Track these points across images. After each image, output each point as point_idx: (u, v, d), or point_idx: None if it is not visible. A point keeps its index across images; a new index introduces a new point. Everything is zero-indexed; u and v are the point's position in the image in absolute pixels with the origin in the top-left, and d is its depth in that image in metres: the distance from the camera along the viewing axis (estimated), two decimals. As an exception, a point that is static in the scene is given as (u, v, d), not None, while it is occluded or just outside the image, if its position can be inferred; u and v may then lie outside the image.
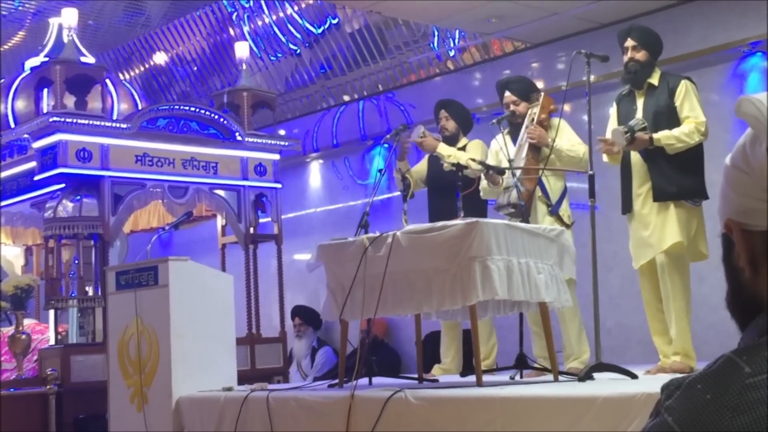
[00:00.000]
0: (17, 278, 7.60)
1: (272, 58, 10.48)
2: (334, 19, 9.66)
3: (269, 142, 7.93)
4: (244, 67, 8.25)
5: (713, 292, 5.83)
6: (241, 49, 8.37)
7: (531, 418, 3.69)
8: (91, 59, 7.90)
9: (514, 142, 5.73)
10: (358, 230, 5.11)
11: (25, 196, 7.52)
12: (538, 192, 5.58)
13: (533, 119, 5.64)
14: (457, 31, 8.86)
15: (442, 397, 4.11)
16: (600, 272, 5.09)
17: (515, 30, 8.18)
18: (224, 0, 10.40)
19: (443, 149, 6.11)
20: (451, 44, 9.06)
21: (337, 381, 5.04)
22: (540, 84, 6.93)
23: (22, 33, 10.57)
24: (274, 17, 10.19)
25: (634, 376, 4.48)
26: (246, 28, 10.48)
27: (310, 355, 8.97)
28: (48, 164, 6.94)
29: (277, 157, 7.97)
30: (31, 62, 7.99)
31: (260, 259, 7.83)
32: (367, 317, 4.79)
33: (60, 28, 7.98)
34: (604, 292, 5.94)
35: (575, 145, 5.62)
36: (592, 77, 5.24)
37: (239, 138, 7.69)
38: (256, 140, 7.81)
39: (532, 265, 4.54)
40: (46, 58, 7.72)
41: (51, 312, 7.14)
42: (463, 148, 6.23)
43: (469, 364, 6.08)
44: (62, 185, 7.03)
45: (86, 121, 6.89)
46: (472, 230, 4.34)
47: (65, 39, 7.38)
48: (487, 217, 5.70)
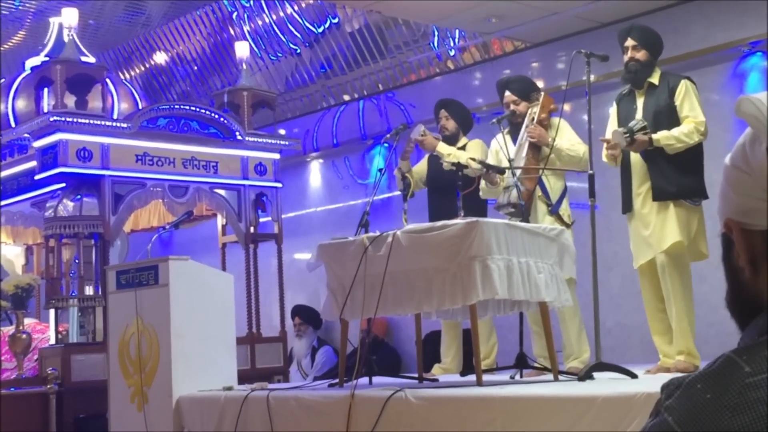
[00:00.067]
0: (18, 277, 7.60)
1: (272, 57, 10.48)
2: (334, 18, 9.66)
3: (269, 141, 7.93)
4: (245, 66, 8.25)
5: (713, 291, 5.83)
6: (242, 49, 8.37)
7: (531, 417, 3.69)
8: (91, 59, 7.90)
9: (514, 141, 5.73)
10: (359, 230, 5.11)
11: (26, 196, 7.52)
12: (538, 191, 5.58)
13: (533, 119, 5.64)
14: (457, 31, 8.86)
15: (442, 396, 4.11)
16: (600, 272, 5.09)
17: (515, 29, 8.18)
18: (224, -1, 10.41)
19: (443, 148, 6.11)
20: (451, 44, 9.06)
21: (337, 380, 5.03)
22: (540, 83, 6.92)
23: (23, 32, 10.57)
24: (274, 17, 10.19)
25: (634, 376, 4.48)
26: (246, 28, 10.48)
27: (310, 354, 8.97)
28: (48, 164, 6.94)
29: (277, 156, 7.97)
30: (32, 62, 7.99)
31: (260, 258, 7.83)
32: (367, 317, 4.79)
33: (60, 27, 7.98)
34: (604, 291, 5.94)
35: (575, 144, 5.61)
36: (592, 77, 5.24)
37: (239, 137, 7.69)
38: (256, 140, 7.81)
39: (533, 264, 4.54)
40: (47, 58, 7.73)
41: (51, 311, 7.14)
42: (463, 148, 6.23)
43: (469, 364, 6.08)
44: (63, 185, 7.03)
45: (87, 121, 6.90)
46: (472, 230, 4.34)
47: (66, 38, 7.38)
48: (487, 216, 5.69)
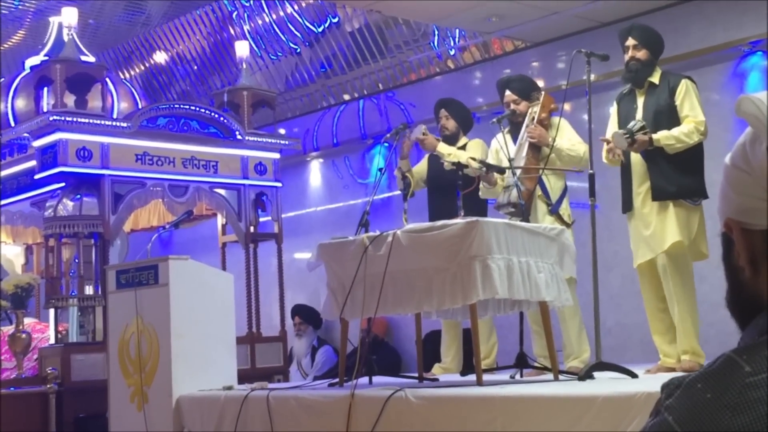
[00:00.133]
0: (17, 277, 7.60)
1: (272, 57, 10.48)
2: (334, 18, 9.66)
3: (269, 141, 7.93)
4: (244, 66, 8.25)
5: (713, 291, 5.81)
6: (242, 48, 8.37)
7: (531, 417, 3.69)
8: (91, 58, 7.90)
9: (515, 141, 5.73)
10: (359, 229, 5.11)
11: (25, 195, 7.52)
12: (539, 191, 5.57)
13: (534, 118, 5.64)
14: (457, 30, 8.85)
15: (442, 396, 4.11)
16: (600, 271, 5.09)
17: (515, 29, 8.18)
18: (224, -1, 10.41)
19: (443, 148, 6.11)
20: (452, 43, 9.06)
21: (337, 380, 5.03)
22: (540, 83, 6.91)
23: (23, 32, 10.58)
24: (274, 16, 10.19)
25: (634, 376, 4.48)
26: (246, 27, 10.48)
27: (310, 354, 8.97)
28: (48, 163, 6.94)
29: (277, 156, 7.97)
30: (32, 61, 7.99)
31: (260, 258, 7.83)
32: (367, 316, 4.79)
33: (60, 27, 7.98)
34: (604, 291, 5.94)
35: (576, 144, 5.61)
36: (592, 76, 5.24)
37: (239, 137, 7.69)
38: (256, 139, 7.80)
39: (533, 264, 4.54)
40: (47, 57, 7.72)
41: (51, 311, 7.14)
42: (463, 147, 6.23)
43: (469, 363, 6.08)
44: (62, 184, 7.03)
45: (86, 120, 6.90)
46: (472, 229, 4.34)
47: (65, 38, 7.38)
48: (487, 216, 5.69)
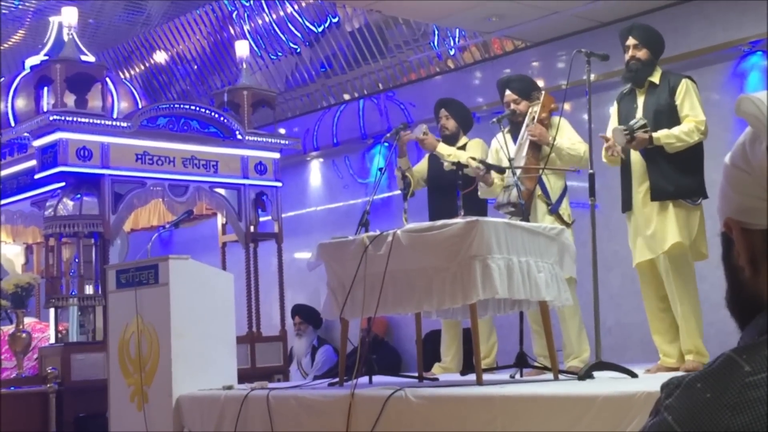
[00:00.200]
0: (18, 277, 7.60)
1: (272, 56, 10.47)
2: (334, 17, 9.66)
3: (269, 140, 7.93)
4: (245, 65, 8.25)
5: (713, 290, 5.81)
6: (242, 48, 8.36)
7: (531, 417, 3.69)
8: (91, 58, 7.90)
9: (515, 141, 5.72)
10: (359, 229, 5.11)
11: (26, 195, 7.52)
12: (538, 191, 5.57)
13: (534, 118, 5.64)
14: (457, 30, 8.85)
15: (442, 395, 4.11)
16: (600, 271, 5.09)
17: (515, 29, 8.18)
18: (224, -2, 10.41)
19: (443, 148, 6.11)
20: (452, 43, 9.06)
21: (337, 380, 5.03)
22: (540, 83, 6.91)
23: (23, 32, 10.58)
24: (274, 16, 10.18)
25: (634, 375, 4.48)
26: (246, 27, 10.48)
27: (310, 353, 8.97)
28: (48, 163, 6.93)
29: (277, 155, 7.96)
30: (32, 61, 7.99)
31: (260, 257, 7.83)
32: (367, 316, 4.79)
33: (60, 26, 7.99)
34: (604, 290, 5.94)
35: (576, 143, 5.61)
36: (592, 76, 5.24)
37: (239, 137, 7.69)
38: (256, 139, 7.80)
39: (533, 263, 4.54)
40: (47, 57, 7.73)
41: (51, 310, 7.14)
42: (463, 147, 6.23)
43: (469, 363, 6.08)
44: (62, 184, 7.03)
45: (86, 120, 6.90)
46: (472, 229, 4.34)
47: (65, 37, 7.38)
48: (487, 215, 5.69)
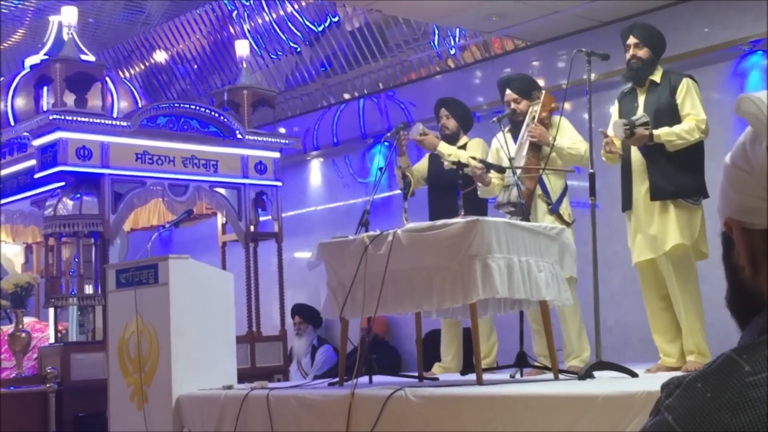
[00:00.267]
0: (17, 276, 7.60)
1: (272, 56, 10.47)
2: (334, 17, 9.66)
3: (270, 140, 7.92)
4: (245, 65, 8.25)
5: (713, 290, 5.81)
6: (242, 47, 8.36)
7: (531, 416, 3.69)
8: (91, 57, 7.90)
9: (515, 140, 5.72)
10: (359, 228, 5.11)
11: (25, 194, 7.52)
12: (539, 190, 5.57)
13: (534, 117, 5.63)
14: (457, 30, 8.85)
15: (442, 395, 4.11)
16: (601, 270, 5.09)
17: (516, 28, 8.17)
18: (224, -2, 10.41)
19: (444, 148, 6.11)
20: (452, 42, 9.05)
21: (337, 379, 5.03)
22: (541, 82, 6.91)
23: (22, 31, 10.58)
24: (275, 15, 10.18)
25: (634, 375, 4.48)
26: (246, 26, 10.48)
27: (310, 353, 8.97)
28: (48, 162, 6.93)
29: (277, 155, 7.96)
30: (31, 60, 7.99)
31: (261, 257, 7.83)
32: (367, 315, 4.79)
33: (60, 26, 7.99)
34: (604, 290, 5.93)
35: (576, 142, 5.60)
36: (592, 75, 5.24)
37: (239, 136, 7.68)
38: (256, 138, 7.80)
39: (533, 263, 4.54)
40: (46, 56, 7.73)
41: (51, 310, 7.14)
42: (463, 147, 6.23)
43: (469, 363, 6.08)
44: (62, 183, 7.03)
45: (86, 119, 6.89)
46: (472, 228, 4.34)
47: (65, 37, 7.38)
48: (487, 215, 5.69)
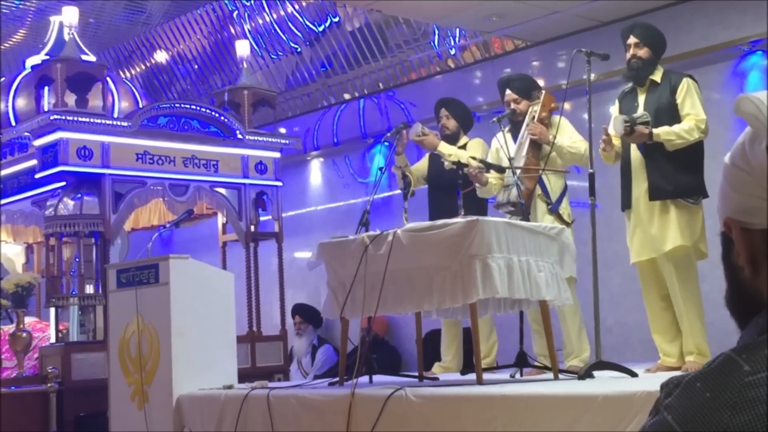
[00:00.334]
0: (18, 276, 7.60)
1: (273, 56, 10.48)
2: (334, 17, 9.66)
3: (270, 140, 7.93)
4: (245, 65, 8.25)
5: (713, 290, 5.81)
6: (242, 48, 8.36)
7: (531, 416, 3.69)
8: (91, 57, 7.91)
9: (515, 140, 5.72)
10: (359, 228, 5.11)
11: (26, 194, 7.52)
12: (538, 190, 5.57)
13: (534, 117, 5.63)
14: (457, 30, 8.85)
15: (442, 395, 4.11)
16: (600, 270, 5.09)
17: (516, 28, 8.18)
18: (225, -2, 10.41)
19: (444, 148, 6.12)
20: (452, 42, 9.06)
21: (337, 379, 5.03)
22: (541, 82, 6.91)
23: (23, 31, 10.58)
24: (275, 15, 10.19)
25: (634, 375, 4.48)
26: (247, 27, 10.48)
27: (310, 353, 8.97)
28: (49, 162, 6.93)
29: (277, 155, 7.96)
30: (32, 60, 8.00)
31: (261, 257, 7.83)
32: (367, 315, 4.79)
33: (61, 26, 7.99)
34: (604, 290, 5.94)
35: (576, 141, 5.60)
36: (592, 75, 5.24)
37: (240, 136, 7.69)
38: (256, 138, 7.80)
39: (533, 263, 4.54)
40: (47, 56, 7.73)
41: (52, 310, 7.15)
42: (463, 147, 6.23)
43: (469, 362, 6.08)
44: (63, 183, 7.03)
45: (87, 119, 6.90)
46: (472, 228, 4.34)
47: (66, 37, 7.38)
48: (487, 215, 5.69)
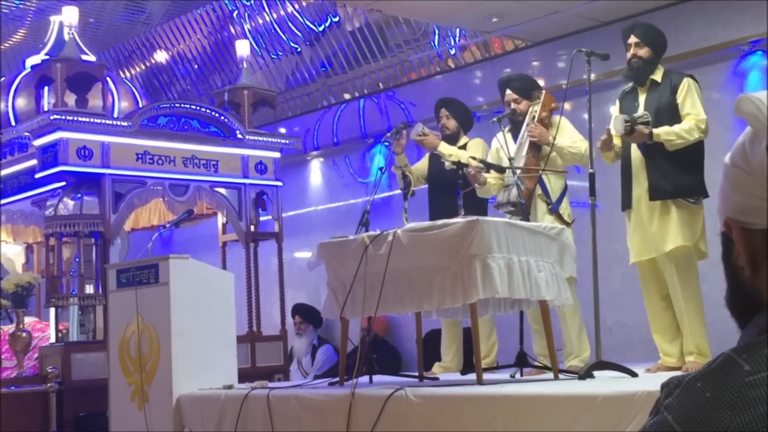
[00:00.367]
0: (18, 276, 7.60)
1: (273, 56, 10.48)
2: (334, 17, 9.66)
3: (270, 140, 7.93)
4: (245, 65, 8.25)
5: (713, 289, 5.81)
6: (242, 48, 8.36)
7: (531, 416, 3.69)
8: (91, 57, 7.91)
9: (515, 140, 5.72)
10: (359, 228, 5.11)
11: (26, 194, 7.52)
12: (538, 190, 5.57)
13: (534, 117, 5.63)
14: (457, 30, 8.85)
15: (442, 395, 4.11)
16: (600, 270, 5.09)
17: (516, 28, 8.18)
18: (225, -2, 10.41)
19: (444, 148, 6.12)
20: (452, 42, 9.06)
21: (337, 379, 5.04)
22: (541, 82, 6.91)
23: (23, 31, 10.58)
24: (275, 15, 10.19)
25: (634, 375, 4.48)
26: (247, 26, 10.48)
27: (310, 353, 8.97)
28: (49, 162, 6.93)
29: (277, 155, 7.96)
30: (32, 60, 7.99)
31: (261, 257, 7.83)
32: (367, 315, 4.79)
33: (61, 26, 7.99)
34: (604, 290, 5.94)
35: (577, 141, 5.60)
36: (592, 75, 5.24)
37: (240, 136, 7.69)
38: (256, 138, 7.80)
39: (533, 263, 4.54)
40: (47, 56, 7.73)
41: (52, 310, 7.15)
42: (463, 147, 6.23)
43: (469, 362, 6.08)
44: (63, 183, 7.03)
45: (87, 119, 6.90)
46: (472, 228, 4.34)
47: (66, 37, 7.38)
48: (487, 215, 5.69)
